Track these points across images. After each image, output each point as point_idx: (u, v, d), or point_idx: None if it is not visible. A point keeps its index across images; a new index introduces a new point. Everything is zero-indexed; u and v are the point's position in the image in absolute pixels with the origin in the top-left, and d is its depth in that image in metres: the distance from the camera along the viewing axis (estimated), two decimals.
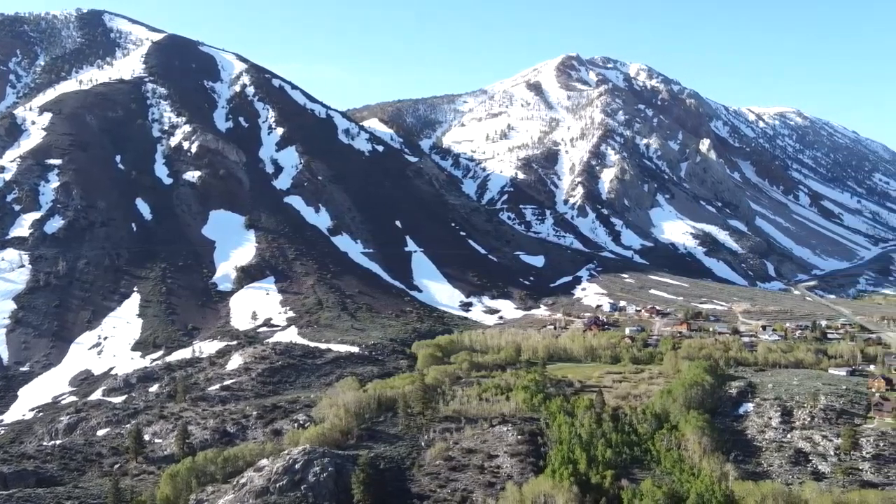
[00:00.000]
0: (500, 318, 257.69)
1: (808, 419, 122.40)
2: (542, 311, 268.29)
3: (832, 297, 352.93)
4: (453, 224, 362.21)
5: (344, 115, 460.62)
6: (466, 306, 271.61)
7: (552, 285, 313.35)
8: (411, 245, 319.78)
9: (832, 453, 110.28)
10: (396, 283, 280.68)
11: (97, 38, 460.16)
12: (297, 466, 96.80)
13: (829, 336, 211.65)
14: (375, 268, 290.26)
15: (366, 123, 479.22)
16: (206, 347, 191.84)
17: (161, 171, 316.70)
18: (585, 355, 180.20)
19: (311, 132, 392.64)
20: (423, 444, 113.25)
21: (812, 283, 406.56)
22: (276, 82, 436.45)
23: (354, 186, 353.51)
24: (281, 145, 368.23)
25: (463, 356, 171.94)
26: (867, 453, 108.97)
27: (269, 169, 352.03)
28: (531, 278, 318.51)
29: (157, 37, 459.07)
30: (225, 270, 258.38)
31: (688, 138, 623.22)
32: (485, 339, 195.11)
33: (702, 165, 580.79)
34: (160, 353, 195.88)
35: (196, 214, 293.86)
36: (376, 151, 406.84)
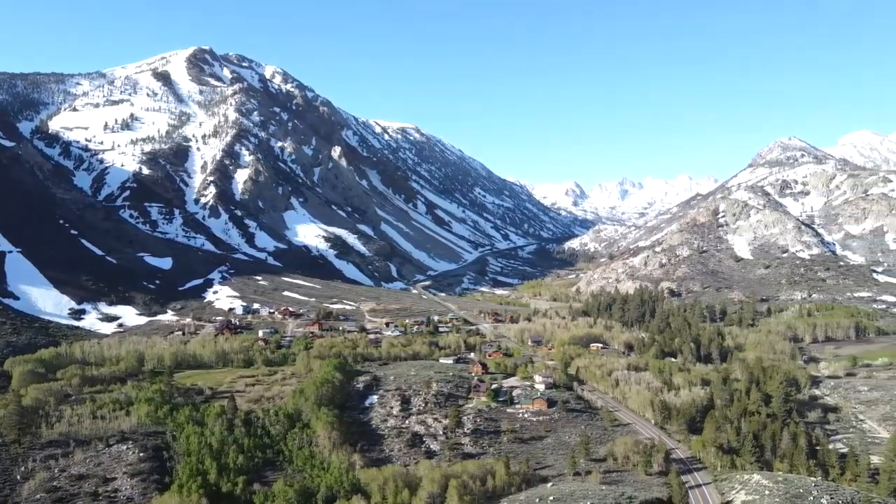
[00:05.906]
0: (120, 325, 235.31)
1: (423, 405, 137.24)
2: (169, 317, 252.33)
3: (443, 294, 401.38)
4: (62, 221, 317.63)
5: None
6: (78, 314, 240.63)
7: (181, 289, 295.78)
8: (5, 244, 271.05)
9: (441, 433, 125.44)
10: None
11: None
12: None
13: (441, 329, 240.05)
14: None
15: None
16: None
17: None
18: (217, 360, 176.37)
19: None
20: (18, 477, 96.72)
21: (427, 282, 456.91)
22: None
23: None
24: None
25: (73, 370, 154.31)
26: (468, 429, 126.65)
27: None
28: (157, 282, 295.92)
29: None
30: None
31: (321, 145, 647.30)
32: (101, 350, 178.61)
33: (334, 171, 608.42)
34: None
35: None
36: None
